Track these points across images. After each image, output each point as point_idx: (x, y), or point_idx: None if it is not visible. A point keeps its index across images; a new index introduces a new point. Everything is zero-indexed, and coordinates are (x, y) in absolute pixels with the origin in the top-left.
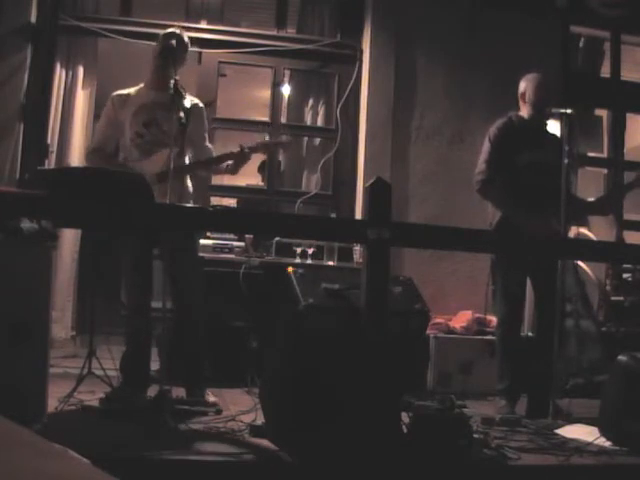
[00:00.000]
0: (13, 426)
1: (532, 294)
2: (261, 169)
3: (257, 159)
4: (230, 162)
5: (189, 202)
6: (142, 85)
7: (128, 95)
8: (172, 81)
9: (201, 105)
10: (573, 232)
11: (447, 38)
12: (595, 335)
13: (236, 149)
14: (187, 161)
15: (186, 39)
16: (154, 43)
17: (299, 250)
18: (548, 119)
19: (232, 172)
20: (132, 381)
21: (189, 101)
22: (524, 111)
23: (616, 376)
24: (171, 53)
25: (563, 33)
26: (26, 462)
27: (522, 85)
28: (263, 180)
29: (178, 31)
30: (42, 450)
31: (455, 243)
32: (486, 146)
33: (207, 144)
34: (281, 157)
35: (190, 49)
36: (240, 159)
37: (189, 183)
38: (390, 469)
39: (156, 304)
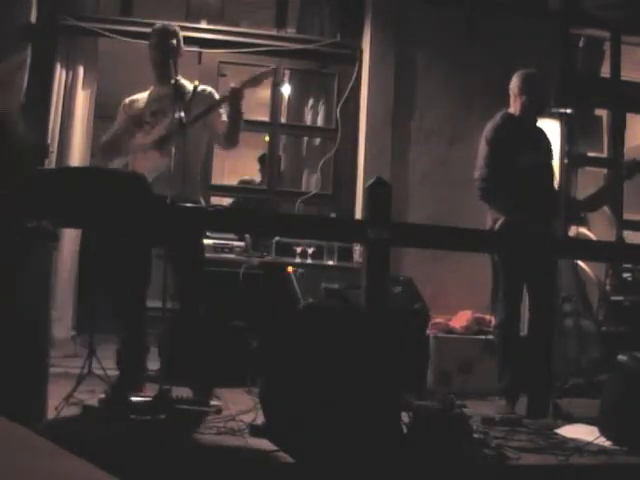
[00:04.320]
0: (13, 426)
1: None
2: (261, 161)
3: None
4: (227, 108)
5: (198, 194)
6: (152, 87)
7: (137, 99)
8: (172, 81)
9: (209, 89)
10: (573, 232)
11: (447, 38)
12: (595, 335)
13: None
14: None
15: (179, 32)
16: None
17: (299, 250)
18: (541, 116)
19: (235, 118)
20: (129, 378)
21: (192, 85)
22: (516, 109)
23: (616, 376)
24: (171, 53)
25: (563, 33)
26: (26, 462)
27: (516, 82)
28: (262, 176)
29: (175, 28)
30: (42, 450)
31: (455, 243)
32: (484, 148)
33: (221, 119)
34: (282, 158)
35: (190, 49)
36: (234, 99)
37: (199, 176)
38: (390, 469)
39: (156, 304)
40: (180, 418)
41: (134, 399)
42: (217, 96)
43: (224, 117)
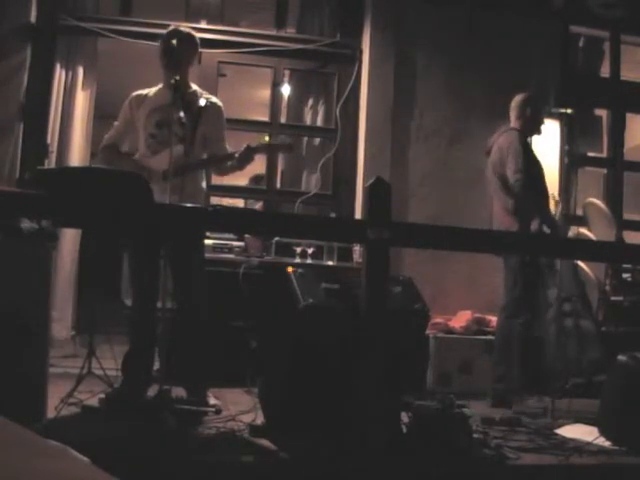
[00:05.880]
0: (13, 426)
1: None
2: (253, 181)
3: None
4: (234, 162)
5: (202, 200)
6: (161, 85)
7: (146, 95)
8: (172, 81)
9: (219, 104)
10: (573, 232)
11: (447, 38)
12: (595, 335)
13: (240, 149)
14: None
15: (192, 35)
16: (156, 43)
17: (299, 250)
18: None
19: (238, 169)
20: (133, 381)
21: (204, 100)
22: (520, 125)
23: (616, 376)
24: (172, 53)
25: (563, 33)
26: (26, 462)
27: (525, 104)
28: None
29: (181, 29)
30: (42, 450)
31: (455, 243)
32: (517, 148)
33: (224, 144)
34: (280, 158)
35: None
36: (244, 159)
37: (203, 182)
38: (390, 469)
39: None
40: (180, 418)
41: (134, 400)
42: (224, 111)
43: (226, 145)
